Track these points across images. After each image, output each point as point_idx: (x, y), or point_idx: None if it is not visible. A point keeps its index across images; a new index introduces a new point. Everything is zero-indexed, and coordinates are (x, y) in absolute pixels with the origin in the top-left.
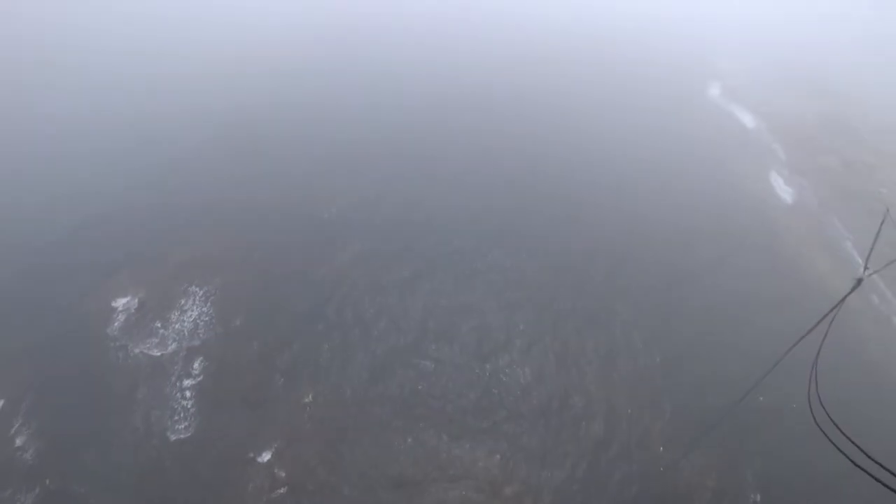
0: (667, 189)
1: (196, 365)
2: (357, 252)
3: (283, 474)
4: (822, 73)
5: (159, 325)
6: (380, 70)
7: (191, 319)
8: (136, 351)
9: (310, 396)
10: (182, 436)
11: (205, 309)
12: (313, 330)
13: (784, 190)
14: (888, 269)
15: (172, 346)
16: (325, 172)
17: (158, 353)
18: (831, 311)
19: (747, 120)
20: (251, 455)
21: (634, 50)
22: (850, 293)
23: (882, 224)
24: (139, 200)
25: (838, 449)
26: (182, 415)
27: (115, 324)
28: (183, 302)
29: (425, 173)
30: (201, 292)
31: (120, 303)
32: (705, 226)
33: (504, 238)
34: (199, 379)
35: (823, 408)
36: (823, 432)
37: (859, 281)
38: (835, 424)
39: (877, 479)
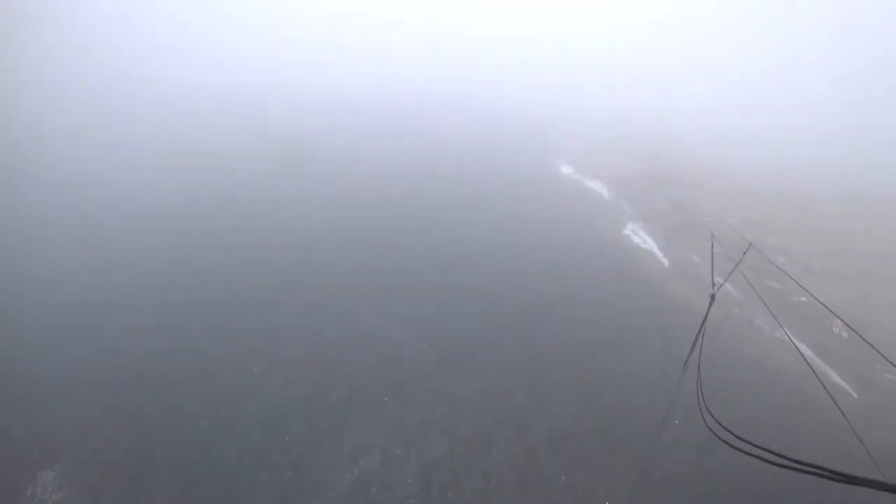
0: (539, 251)
1: None
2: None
3: None
4: (645, 140)
5: None
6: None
7: None
8: None
9: None
10: None
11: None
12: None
13: (637, 234)
14: (735, 280)
15: None
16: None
17: None
18: (700, 328)
19: (595, 185)
20: None
21: (503, 139)
22: (709, 309)
23: (712, 247)
24: None
25: (730, 445)
26: None
27: None
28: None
29: None
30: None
31: None
32: (584, 277)
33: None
34: None
35: (710, 413)
36: (714, 433)
37: (713, 297)
38: (721, 424)
39: (766, 461)
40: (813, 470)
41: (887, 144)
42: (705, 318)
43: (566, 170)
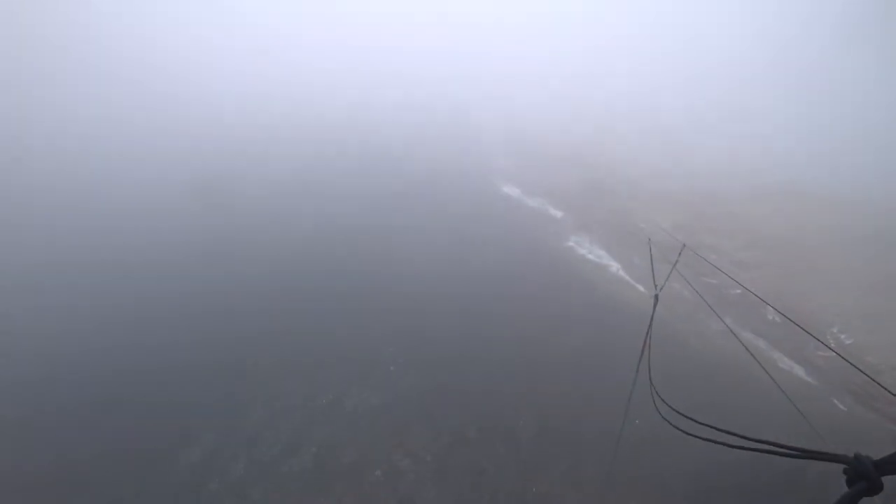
0: (484, 265)
1: None
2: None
3: None
4: (578, 154)
5: None
6: None
7: None
8: None
9: None
10: None
11: None
12: None
13: (579, 244)
14: (674, 280)
15: None
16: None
17: None
18: (648, 328)
19: (533, 201)
20: None
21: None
22: (654, 310)
23: (650, 250)
24: None
25: (687, 433)
26: None
27: None
28: None
29: None
30: None
31: None
32: (533, 288)
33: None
34: None
35: (664, 401)
36: (668, 421)
37: (656, 297)
38: (672, 408)
39: (717, 442)
40: (767, 447)
41: (782, 139)
42: (651, 318)
43: (507, 188)
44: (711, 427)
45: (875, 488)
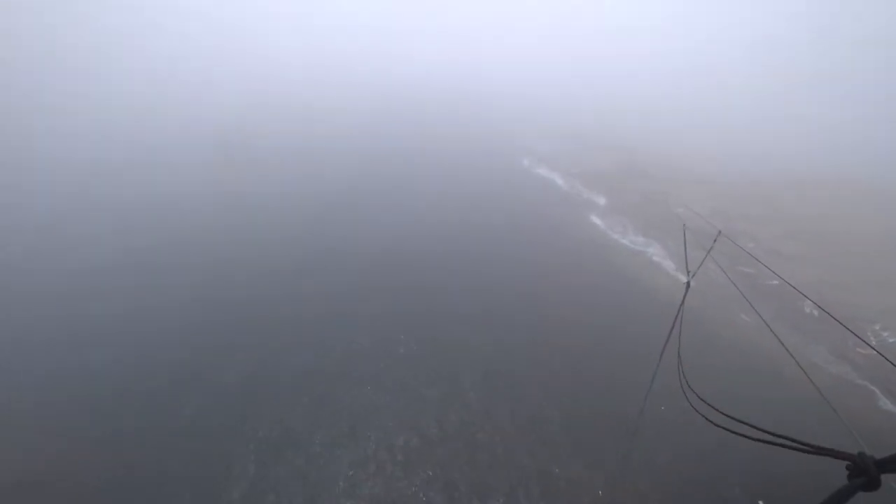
0: (517, 247)
1: None
2: None
3: None
4: (612, 136)
5: None
6: None
7: None
8: None
9: None
10: None
11: None
12: None
13: (613, 228)
14: (708, 267)
15: None
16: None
17: None
18: (678, 314)
19: (566, 182)
20: None
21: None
22: (685, 296)
23: (685, 236)
24: None
25: (710, 421)
26: None
27: None
28: None
29: None
30: None
31: None
32: (563, 270)
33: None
34: None
35: (692, 389)
36: (696, 409)
37: (688, 284)
38: (702, 399)
39: (734, 432)
40: (780, 441)
41: (826, 130)
42: (682, 305)
43: (540, 170)
44: (730, 417)
45: (873, 483)
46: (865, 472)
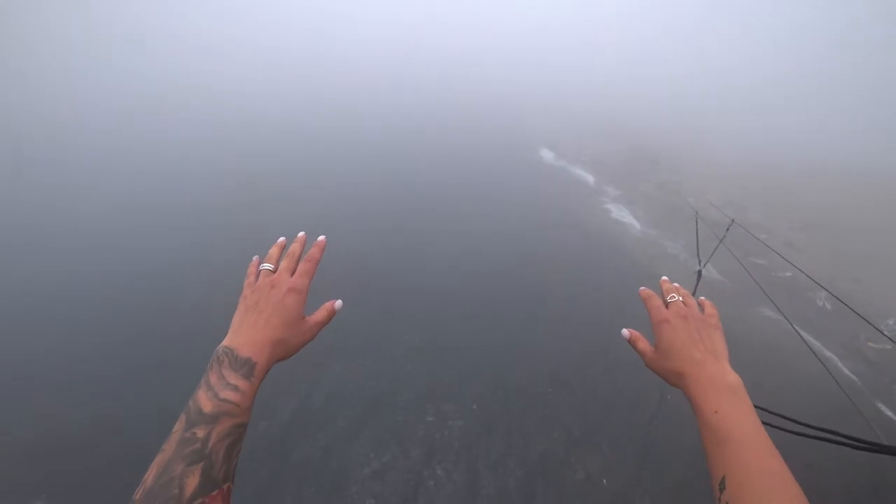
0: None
1: None
2: None
3: None
4: (624, 123)
5: None
6: None
7: None
8: None
9: None
10: None
11: None
12: None
13: (624, 217)
14: (720, 257)
15: None
16: None
17: None
18: None
19: (580, 171)
20: None
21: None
22: (697, 285)
23: (697, 225)
24: None
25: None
26: None
27: None
28: None
29: None
30: None
31: None
32: (575, 260)
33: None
34: None
35: None
36: None
37: (699, 273)
38: None
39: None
40: (827, 436)
41: (843, 119)
42: (694, 294)
43: (548, 156)
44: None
45: None
46: None
